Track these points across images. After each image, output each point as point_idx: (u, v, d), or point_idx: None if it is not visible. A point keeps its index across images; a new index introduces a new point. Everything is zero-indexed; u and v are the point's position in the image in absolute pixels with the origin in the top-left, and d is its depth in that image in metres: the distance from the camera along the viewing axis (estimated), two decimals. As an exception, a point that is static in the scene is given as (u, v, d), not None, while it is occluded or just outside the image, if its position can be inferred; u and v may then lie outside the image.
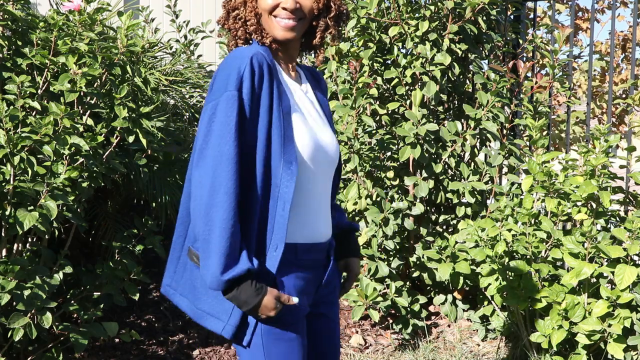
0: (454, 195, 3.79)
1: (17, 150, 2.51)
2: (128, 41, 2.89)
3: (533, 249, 3.20)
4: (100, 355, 3.26)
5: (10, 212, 2.54)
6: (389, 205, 3.59)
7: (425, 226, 3.86)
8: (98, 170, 2.80)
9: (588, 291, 3.08)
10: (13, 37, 2.88)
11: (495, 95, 3.67)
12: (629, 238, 3.01)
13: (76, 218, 2.80)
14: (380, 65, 3.97)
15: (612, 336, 2.97)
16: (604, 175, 3.18)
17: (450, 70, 3.88)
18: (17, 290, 2.53)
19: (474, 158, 3.91)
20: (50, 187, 2.56)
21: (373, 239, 3.64)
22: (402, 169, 3.86)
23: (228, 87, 1.53)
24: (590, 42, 4.07)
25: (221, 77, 1.56)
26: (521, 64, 3.81)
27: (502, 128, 3.96)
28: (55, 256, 2.83)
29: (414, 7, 3.84)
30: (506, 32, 4.20)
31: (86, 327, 2.89)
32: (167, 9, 4.87)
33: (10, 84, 2.62)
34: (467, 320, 3.85)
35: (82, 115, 2.86)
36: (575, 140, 7.05)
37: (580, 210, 3.19)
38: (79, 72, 2.68)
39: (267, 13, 1.66)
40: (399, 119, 3.94)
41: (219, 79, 1.56)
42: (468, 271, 3.35)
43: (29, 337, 2.65)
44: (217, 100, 1.53)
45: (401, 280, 3.77)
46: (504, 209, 3.35)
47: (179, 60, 4.41)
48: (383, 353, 3.53)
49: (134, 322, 3.58)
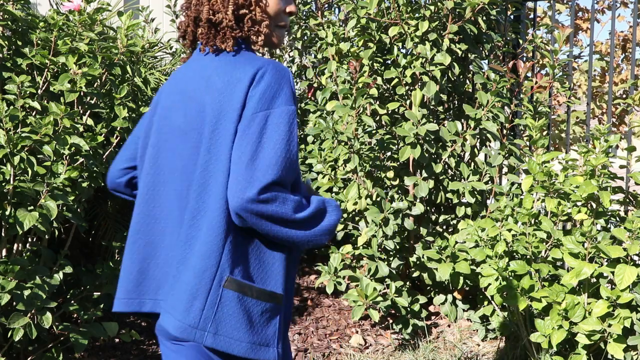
0: (454, 195, 3.79)
1: (17, 150, 2.51)
2: (128, 41, 2.90)
3: (533, 249, 3.20)
4: (100, 355, 3.26)
5: (10, 212, 2.54)
6: (389, 205, 3.59)
7: (425, 226, 3.86)
8: (98, 170, 2.81)
9: (588, 291, 3.08)
10: (13, 37, 2.88)
11: (495, 95, 3.67)
12: (629, 238, 3.01)
13: (76, 218, 2.80)
14: (380, 65, 3.97)
15: (612, 336, 2.97)
16: (604, 175, 3.18)
17: (450, 70, 3.88)
18: (17, 290, 2.53)
19: (474, 158, 3.91)
20: (50, 187, 2.56)
21: (373, 239, 3.64)
22: (402, 169, 3.86)
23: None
24: (590, 42, 4.07)
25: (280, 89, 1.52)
26: (521, 64, 3.81)
27: (502, 128, 3.96)
28: (55, 256, 2.83)
29: (414, 7, 3.84)
30: (506, 32, 4.20)
31: (86, 327, 2.89)
32: (167, 9, 4.87)
33: (10, 84, 2.62)
34: (467, 320, 3.85)
35: (82, 115, 2.86)
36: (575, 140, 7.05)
37: (580, 210, 3.19)
38: (79, 72, 2.68)
39: (274, 19, 1.65)
40: (399, 119, 3.94)
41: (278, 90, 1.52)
42: (468, 271, 3.35)
43: (29, 337, 2.65)
44: (274, 110, 1.49)
45: (401, 280, 3.77)
46: (504, 209, 3.35)
47: (179, 60, 4.41)
48: (383, 353, 3.53)
49: (134, 322, 3.58)
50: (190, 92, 1.59)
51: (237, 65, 1.54)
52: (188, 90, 1.59)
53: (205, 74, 1.57)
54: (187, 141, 1.56)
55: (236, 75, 1.52)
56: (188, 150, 1.56)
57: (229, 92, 1.50)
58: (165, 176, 1.62)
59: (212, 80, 1.54)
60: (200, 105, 1.54)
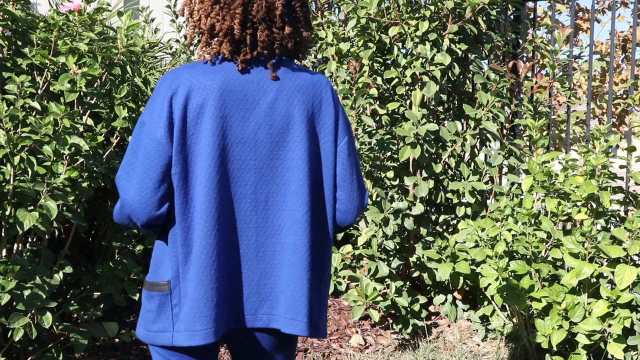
0: (454, 195, 3.79)
1: (17, 150, 2.51)
2: (128, 41, 2.89)
3: (533, 249, 3.20)
4: (100, 355, 3.26)
5: (10, 212, 2.54)
6: (389, 205, 3.59)
7: (425, 226, 3.86)
8: (98, 170, 2.80)
9: (588, 291, 3.08)
10: (13, 37, 2.88)
11: (495, 95, 3.67)
12: (629, 238, 3.01)
13: (76, 218, 2.80)
14: (380, 65, 3.97)
15: (612, 336, 2.97)
16: (604, 175, 3.18)
17: (450, 70, 3.88)
18: (17, 290, 2.53)
19: (474, 158, 3.91)
20: (50, 187, 2.56)
21: (373, 239, 3.64)
22: (402, 169, 3.86)
23: None
24: (590, 42, 4.07)
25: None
26: (521, 64, 3.81)
27: (502, 128, 3.96)
28: (55, 256, 2.83)
29: (414, 7, 3.84)
30: (506, 32, 4.20)
31: (86, 327, 2.89)
32: (167, 9, 4.87)
33: (10, 84, 2.62)
34: (467, 320, 3.85)
35: (82, 115, 2.86)
36: (575, 140, 7.05)
37: (580, 210, 3.19)
38: (79, 72, 2.68)
39: None
40: (399, 119, 3.94)
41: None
42: (468, 271, 3.35)
43: (29, 337, 2.65)
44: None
45: (401, 280, 3.77)
46: (504, 209, 3.35)
47: (179, 60, 4.41)
48: (383, 353, 3.53)
49: (134, 322, 3.58)
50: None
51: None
52: None
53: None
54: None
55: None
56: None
57: None
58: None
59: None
60: None
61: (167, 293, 1.63)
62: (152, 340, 1.65)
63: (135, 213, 1.61)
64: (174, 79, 1.59)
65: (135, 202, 1.59)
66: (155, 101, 1.59)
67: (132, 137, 1.62)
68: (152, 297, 1.65)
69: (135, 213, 1.61)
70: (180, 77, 1.58)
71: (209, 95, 1.57)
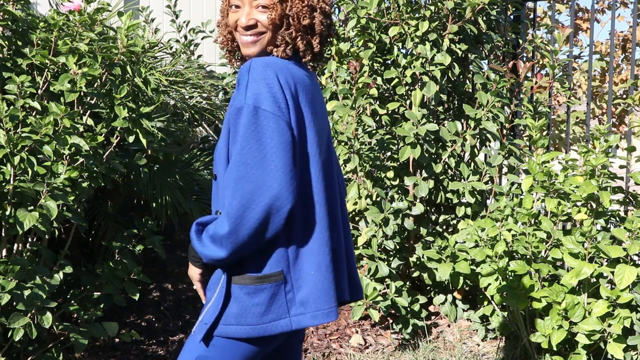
0: (454, 195, 3.79)
1: (17, 150, 2.51)
2: (128, 41, 2.89)
3: (533, 249, 3.20)
4: (100, 355, 3.26)
5: (10, 212, 2.54)
6: (389, 205, 3.59)
7: (425, 226, 3.86)
8: (98, 170, 2.81)
9: (588, 291, 3.08)
10: (13, 37, 2.88)
11: (495, 95, 3.67)
12: (629, 238, 3.01)
13: (76, 218, 2.80)
14: (380, 65, 3.97)
15: (612, 336, 2.97)
16: (604, 175, 3.18)
17: (450, 70, 3.88)
18: (17, 290, 2.53)
19: (474, 158, 3.91)
20: (50, 187, 2.56)
21: (373, 239, 3.64)
22: (402, 169, 3.86)
23: None
24: (590, 42, 4.07)
25: None
26: (521, 64, 3.81)
27: (502, 128, 3.96)
28: (55, 256, 2.83)
29: (414, 7, 3.84)
30: (506, 32, 4.20)
31: (86, 327, 2.89)
32: (167, 9, 4.87)
33: (10, 84, 2.62)
34: (467, 320, 3.85)
35: (82, 115, 2.86)
36: (575, 140, 7.04)
37: (580, 210, 3.19)
38: (79, 72, 2.68)
39: (234, 30, 1.76)
40: (399, 119, 3.94)
41: None
42: (468, 271, 3.35)
43: (29, 337, 2.65)
44: None
45: (401, 280, 3.77)
46: (504, 209, 3.35)
47: (179, 60, 4.41)
48: (383, 353, 3.53)
49: (134, 322, 3.58)
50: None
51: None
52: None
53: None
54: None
55: None
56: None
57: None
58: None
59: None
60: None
61: (281, 282, 1.65)
62: (264, 332, 1.65)
63: (281, 202, 1.59)
64: (284, 73, 1.69)
65: (284, 188, 1.58)
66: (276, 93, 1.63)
67: (248, 128, 1.61)
68: (262, 290, 1.64)
69: (281, 202, 1.59)
70: (287, 72, 1.69)
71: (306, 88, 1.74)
